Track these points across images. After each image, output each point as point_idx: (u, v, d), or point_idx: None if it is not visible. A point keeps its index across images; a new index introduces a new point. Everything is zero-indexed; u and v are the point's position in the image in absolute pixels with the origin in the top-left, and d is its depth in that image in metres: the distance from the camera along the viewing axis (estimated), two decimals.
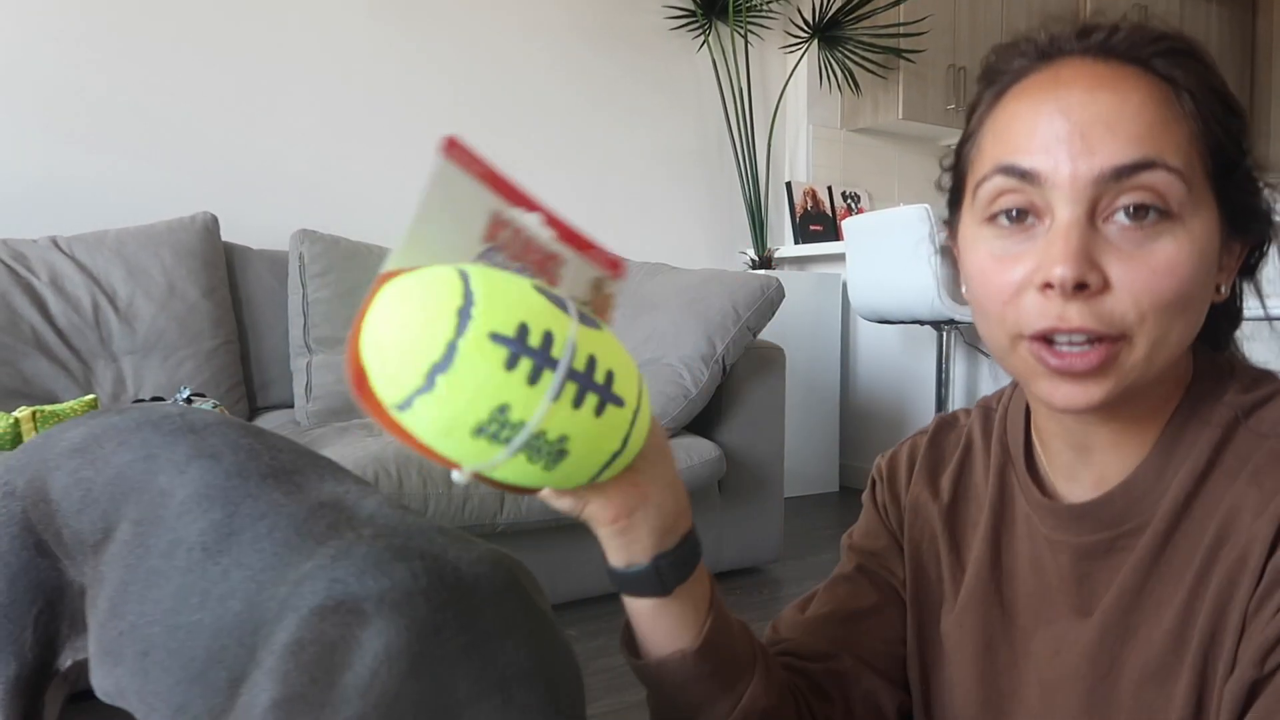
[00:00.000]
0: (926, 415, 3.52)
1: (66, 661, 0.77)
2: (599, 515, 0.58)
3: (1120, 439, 0.63)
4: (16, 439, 1.83)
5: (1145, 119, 0.55)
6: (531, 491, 0.54)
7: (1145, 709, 0.59)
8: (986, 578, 0.70)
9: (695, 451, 2.21)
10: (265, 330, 2.52)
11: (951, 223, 0.68)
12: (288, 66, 2.94)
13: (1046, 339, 0.57)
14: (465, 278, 0.49)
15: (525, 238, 0.59)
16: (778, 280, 2.37)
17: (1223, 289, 0.61)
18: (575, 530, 1.90)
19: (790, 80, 3.95)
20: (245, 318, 2.51)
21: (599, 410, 0.50)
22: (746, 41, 3.76)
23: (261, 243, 2.77)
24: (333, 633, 0.53)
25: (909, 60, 3.94)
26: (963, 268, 0.64)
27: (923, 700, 0.74)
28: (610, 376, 0.51)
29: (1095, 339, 0.55)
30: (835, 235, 4.01)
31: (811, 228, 4.01)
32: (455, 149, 0.55)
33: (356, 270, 2.50)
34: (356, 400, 0.49)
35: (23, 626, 0.73)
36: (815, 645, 0.75)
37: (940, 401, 3.12)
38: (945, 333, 3.11)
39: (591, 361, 0.50)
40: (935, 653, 0.73)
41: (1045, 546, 0.66)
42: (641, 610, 0.63)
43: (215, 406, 2.08)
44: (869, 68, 3.89)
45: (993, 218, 0.59)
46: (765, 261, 3.75)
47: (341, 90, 3.04)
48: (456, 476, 0.51)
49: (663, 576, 0.61)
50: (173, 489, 0.67)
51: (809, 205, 4.03)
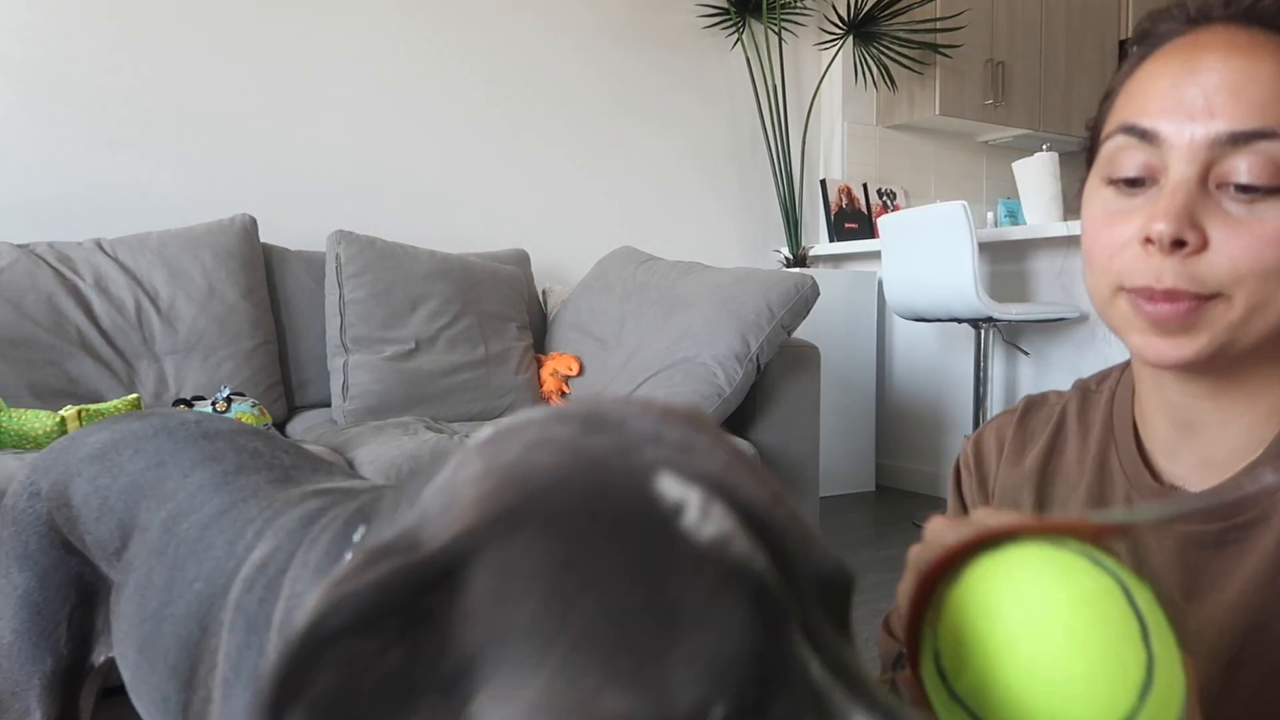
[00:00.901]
0: (964, 414, 3.48)
1: (100, 657, 0.78)
2: None
3: (1226, 418, 0.62)
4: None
5: (1273, 88, 0.55)
6: None
7: (1270, 704, 0.58)
8: None
9: None
10: (303, 330, 2.55)
11: (1084, 179, 0.69)
12: (323, 71, 2.97)
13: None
14: (1138, 616, 0.40)
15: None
16: (812, 278, 2.35)
17: None
18: None
19: (825, 77, 3.92)
20: (283, 318, 2.54)
21: None
22: (780, 39, 3.74)
23: (299, 244, 2.80)
24: (263, 583, 0.53)
25: (946, 55, 3.90)
26: (1083, 224, 0.66)
27: None
28: None
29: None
30: (871, 233, 3.97)
31: (846, 225, 3.98)
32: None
33: (392, 270, 2.53)
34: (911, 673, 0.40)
35: (56, 622, 0.75)
36: None
37: (978, 400, 3.08)
38: (983, 330, 3.07)
39: None
40: None
41: (1148, 531, 0.66)
42: None
43: (254, 406, 2.11)
44: (905, 63, 3.85)
45: (1111, 180, 0.61)
46: (800, 260, 3.73)
47: (376, 93, 3.07)
48: None
49: None
50: (175, 493, 0.68)
51: (844, 203, 4.00)
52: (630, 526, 0.30)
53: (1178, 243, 0.55)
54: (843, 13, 3.84)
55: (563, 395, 2.59)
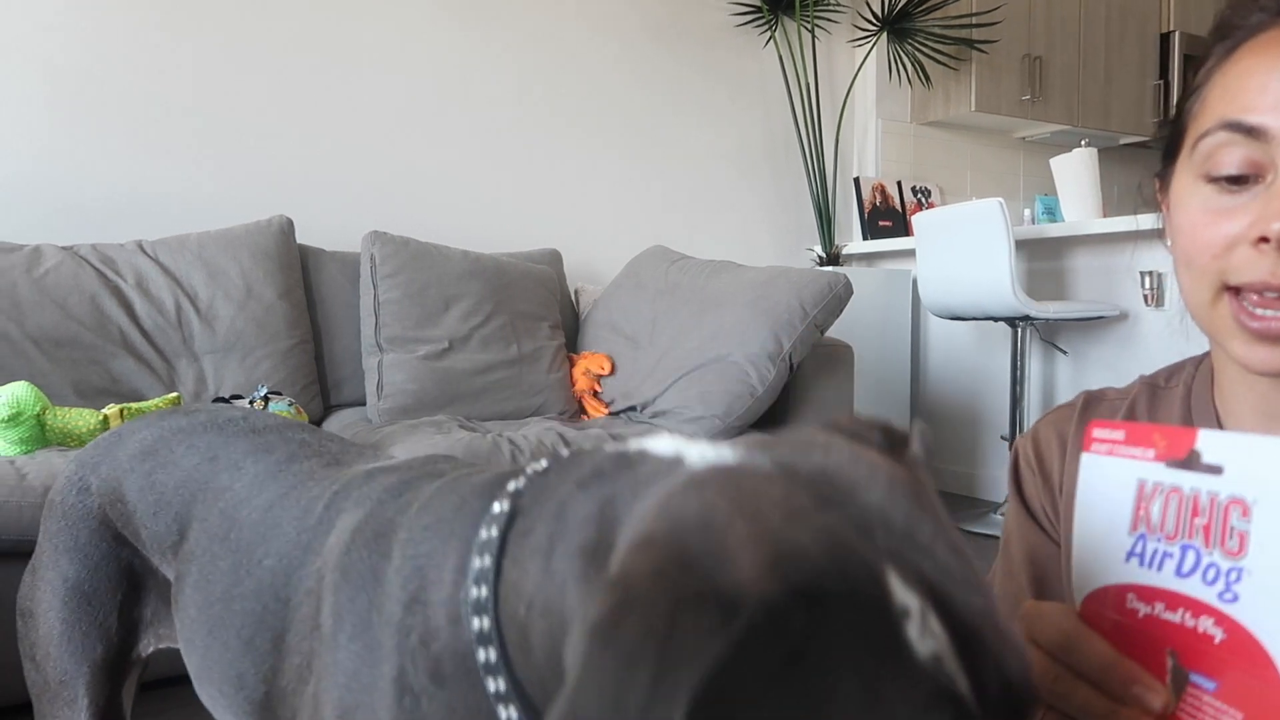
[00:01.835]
0: (1000, 415, 3.44)
1: (149, 648, 0.80)
2: None
3: None
4: None
5: None
6: None
7: None
8: None
9: None
10: (338, 330, 2.58)
11: (1163, 176, 0.67)
12: (359, 75, 3.00)
13: (1248, 298, 0.56)
14: None
15: (1181, 497, 0.44)
16: (846, 277, 2.34)
17: None
18: None
19: (859, 74, 3.89)
20: (319, 318, 2.57)
21: None
22: (814, 36, 3.72)
23: (334, 244, 2.83)
24: (361, 550, 0.55)
25: (981, 51, 3.85)
26: (1171, 221, 0.64)
27: None
28: None
29: None
30: (905, 231, 3.94)
31: (880, 223, 3.95)
32: (1098, 427, 0.48)
33: (426, 270, 2.55)
34: None
35: (107, 612, 0.77)
36: None
37: (1015, 400, 3.05)
38: (1020, 329, 3.03)
39: None
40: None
41: None
42: None
43: (291, 404, 2.14)
44: (940, 59, 3.81)
45: (1212, 178, 0.59)
46: (833, 258, 3.70)
47: (410, 95, 3.09)
48: None
49: None
50: (231, 484, 0.70)
51: (878, 201, 3.97)
52: (868, 627, 0.30)
53: None
54: (876, 9, 3.81)
55: (595, 395, 2.60)
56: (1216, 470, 0.41)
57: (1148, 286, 2.95)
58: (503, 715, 0.44)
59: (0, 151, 2.52)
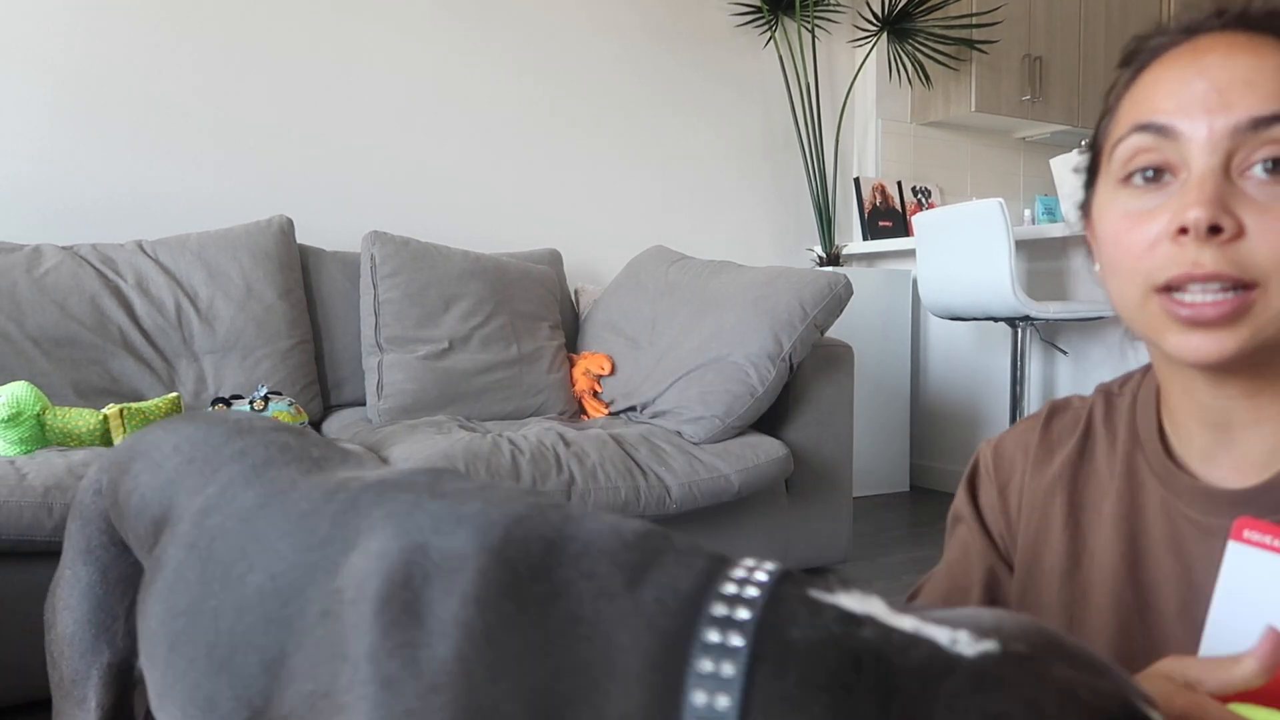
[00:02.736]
0: (1000, 414, 3.44)
1: None
2: None
3: (1262, 416, 0.62)
4: (105, 435, 1.91)
5: None
6: None
7: None
8: (1118, 564, 0.68)
9: (762, 450, 2.20)
10: (338, 330, 2.58)
11: (1086, 204, 0.68)
12: (358, 75, 3.00)
13: (1177, 291, 0.57)
14: None
15: None
16: (846, 277, 2.34)
17: None
18: None
19: (859, 74, 3.89)
20: (319, 318, 2.57)
21: None
22: (814, 36, 3.72)
23: (334, 245, 2.84)
24: (403, 571, 0.50)
25: (982, 51, 3.86)
26: (1097, 238, 0.65)
27: None
28: None
29: (1228, 286, 0.56)
30: (905, 231, 3.94)
31: (880, 224, 3.95)
32: (1249, 528, 0.52)
33: (425, 270, 2.55)
34: None
35: (115, 617, 0.77)
36: None
37: (1015, 400, 3.05)
38: (1020, 329, 3.04)
39: None
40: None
41: (1191, 531, 0.65)
42: None
43: (291, 404, 2.14)
44: (940, 60, 3.81)
45: (1128, 178, 0.61)
46: (833, 258, 3.70)
47: (410, 96, 3.09)
48: None
49: None
50: (204, 487, 0.68)
51: (878, 201, 3.97)
52: None
53: (1214, 229, 0.55)
54: (877, 9, 3.81)
55: (595, 395, 2.60)
56: None
57: None
58: None
59: (0, 151, 2.52)
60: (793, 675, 0.39)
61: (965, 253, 2.85)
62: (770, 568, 0.45)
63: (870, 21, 3.80)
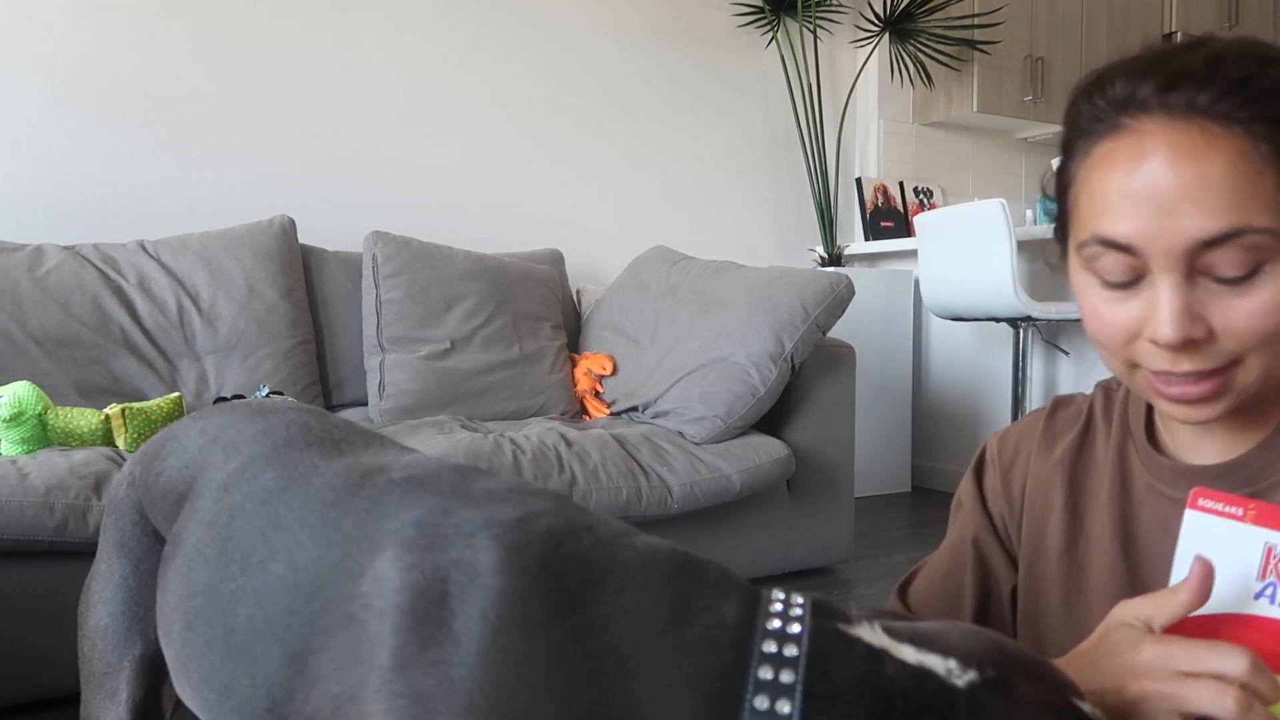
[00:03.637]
0: (1002, 415, 3.43)
1: None
2: None
3: (1242, 422, 0.67)
4: (107, 435, 1.91)
5: (1230, 186, 0.56)
6: None
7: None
8: (1112, 544, 0.73)
9: (764, 450, 2.20)
10: (340, 330, 2.58)
11: (1060, 245, 0.71)
12: (360, 75, 3.01)
13: (1160, 375, 0.62)
14: None
15: None
16: (847, 277, 2.34)
17: None
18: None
19: (860, 75, 3.89)
20: (321, 318, 2.57)
21: None
22: (816, 37, 3.72)
23: (336, 244, 2.84)
24: (429, 572, 0.50)
25: (984, 52, 3.85)
26: (1075, 295, 0.68)
27: None
28: None
29: (1207, 373, 0.60)
30: (907, 231, 3.94)
31: (882, 224, 3.95)
32: (1203, 497, 0.58)
33: (427, 270, 2.55)
34: None
35: (147, 608, 0.77)
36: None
37: (1017, 400, 3.04)
38: (1022, 330, 3.03)
39: None
40: (1049, 622, 0.77)
41: (1173, 509, 0.69)
42: None
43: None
44: (942, 60, 3.81)
45: (1098, 277, 0.64)
46: (835, 259, 3.70)
47: (412, 96, 3.09)
48: None
49: None
50: (225, 464, 0.68)
51: (879, 201, 3.97)
52: None
53: (1186, 342, 0.59)
54: (879, 10, 3.80)
55: (596, 395, 2.60)
56: None
57: None
58: None
59: (2, 151, 2.52)
60: (841, 714, 0.43)
61: (967, 253, 2.85)
62: (801, 600, 0.48)
63: (872, 22, 3.80)
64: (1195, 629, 0.56)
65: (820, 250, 3.75)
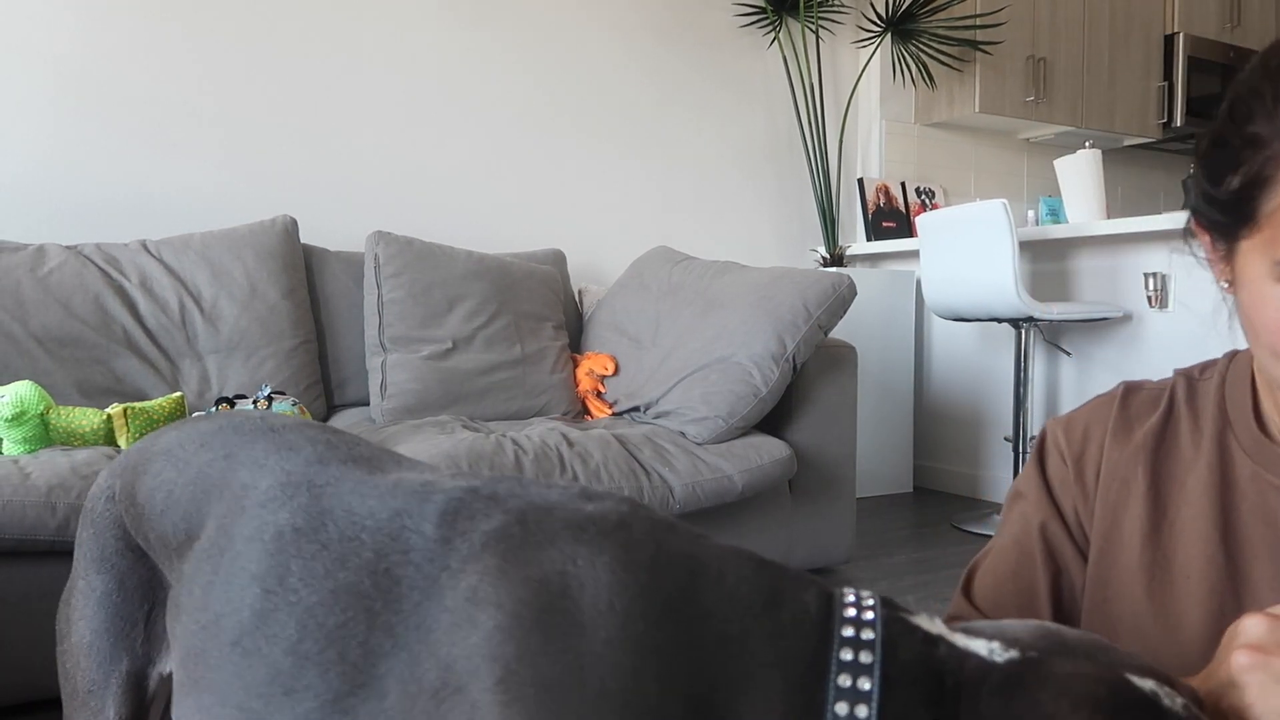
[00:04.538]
0: (1004, 416, 3.43)
1: (168, 665, 0.78)
2: None
3: None
4: (109, 434, 1.91)
5: None
6: None
7: None
8: (1209, 533, 0.74)
9: (765, 451, 2.20)
10: (342, 330, 2.58)
11: (1224, 237, 0.68)
12: (362, 75, 3.01)
13: None
14: None
15: None
16: (849, 278, 2.34)
17: None
18: None
19: (863, 75, 3.89)
20: (323, 318, 2.57)
21: None
22: (818, 37, 3.72)
23: (338, 244, 2.84)
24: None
25: (986, 52, 3.85)
26: (1239, 294, 0.67)
27: None
28: None
29: None
30: (909, 232, 3.94)
31: (884, 224, 3.94)
32: None
33: (429, 270, 2.55)
34: None
35: (133, 624, 0.76)
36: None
37: (1019, 401, 3.04)
38: (1024, 330, 3.03)
39: None
40: (1127, 609, 0.77)
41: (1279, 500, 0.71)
42: None
43: (294, 404, 2.14)
44: (944, 60, 3.81)
45: None
46: (837, 259, 3.70)
47: (414, 96, 3.10)
48: None
49: None
50: (254, 481, 0.67)
51: (881, 201, 3.97)
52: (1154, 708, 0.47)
53: None
54: (881, 10, 3.80)
55: (598, 395, 2.60)
56: None
57: (1151, 288, 2.95)
58: None
59: (4, 151, 2.52)
60: (903, 693, 0.49)
61: (969, 254, 2.84)
62: (870, 593, 0.54)
63: (874, 22, 3.80)
64: None
65: (822, 250, 3.75)
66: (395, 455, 0.72)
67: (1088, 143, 3.26)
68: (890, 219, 3.96)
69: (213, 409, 2.05)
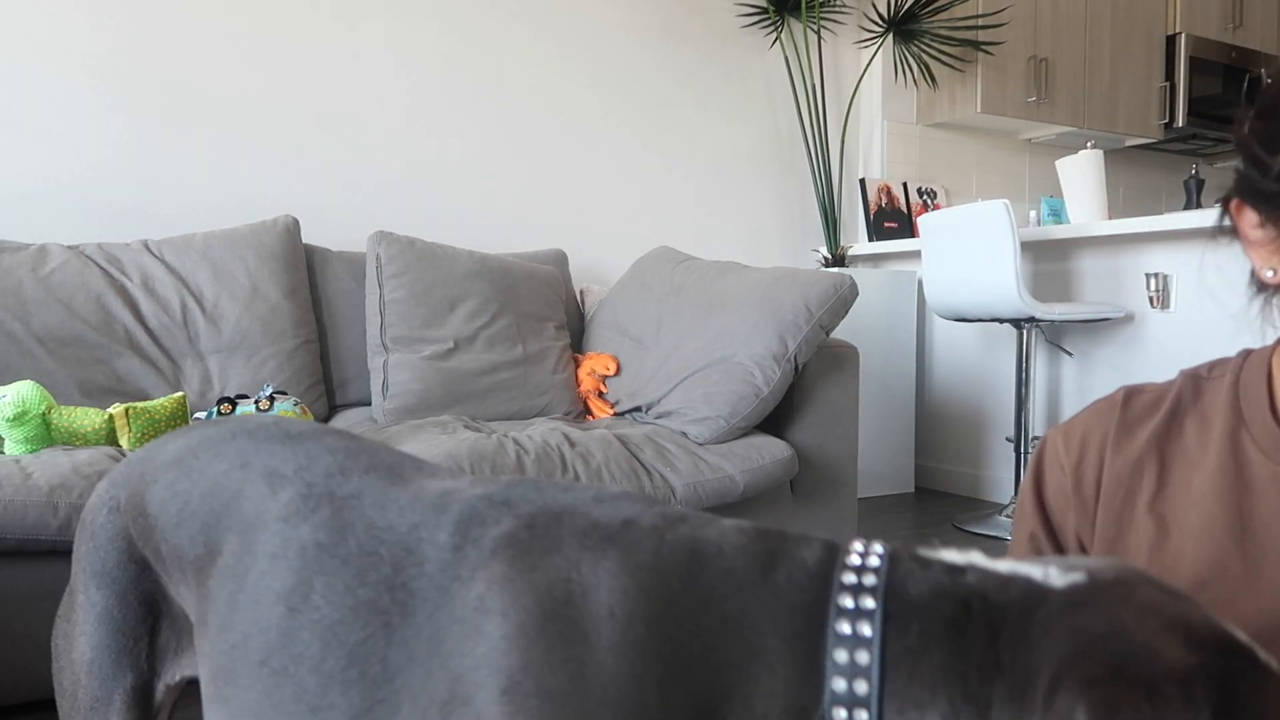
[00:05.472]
0: (1005, 416, 3.43)
1: (175, 676, 0.77)
2: None
3: None
4: (111, 435, 1.91)
5: None
6: None
7: None
8: (1221, 537, 0.71)
9: (767, 451, 2.20)
10: (344, 330, 2.58)
11: (1260, 207, 0.67)
12: (364, 75, 3.01)
13: None
14: None
15: None
16: (851, 278, 2.34)
17: None
18: None
19: (864, 76, 3.89)
20: (324, 318, 2.57)
21: None
22: (820, 38, 3.72)
23: (340, 244, 2.84)
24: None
25: (987, 53, 3.85)
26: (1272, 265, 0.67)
27: None
28: None
29: None
30: (910, 232, 3.94)
31: (886, 225, 3.94)
32: None
33: (431, 270, 2.55)
34: None
35: (137, 639, 0.74)
36: None
37: (1020, 402, 3.04)
38: (1026, 331, 3.03)
39: None
40: None
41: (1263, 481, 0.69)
42: None
43: (296, 404, 2.14)
44: (946, 61, 3.81)
45: None
46: (838, 259, 3.70)
47: (415, 96, 3.10)
48: None
49: None
50: (274, 493, 0.66)
51: (883, 202, 3.96)
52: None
53: None
54: (883, 11, 3.80)
55: (600, 395, 2.60)
56: None
57: (1153, 288, 2.94)
58: None
59: (6, 151, 2.52)
60: (915, 628, 0.46)
61: (970, 254, 2.84)
62: (881, 541, 0.52)
63: (876, 23, 3.79)
64: None
65: (824, 251, 3.75)
66: (417, 461, 0.71)
67: (1089, 143, 3.26)
68: (892, 219, 3.96)
69: (214, 409, 2.05)
